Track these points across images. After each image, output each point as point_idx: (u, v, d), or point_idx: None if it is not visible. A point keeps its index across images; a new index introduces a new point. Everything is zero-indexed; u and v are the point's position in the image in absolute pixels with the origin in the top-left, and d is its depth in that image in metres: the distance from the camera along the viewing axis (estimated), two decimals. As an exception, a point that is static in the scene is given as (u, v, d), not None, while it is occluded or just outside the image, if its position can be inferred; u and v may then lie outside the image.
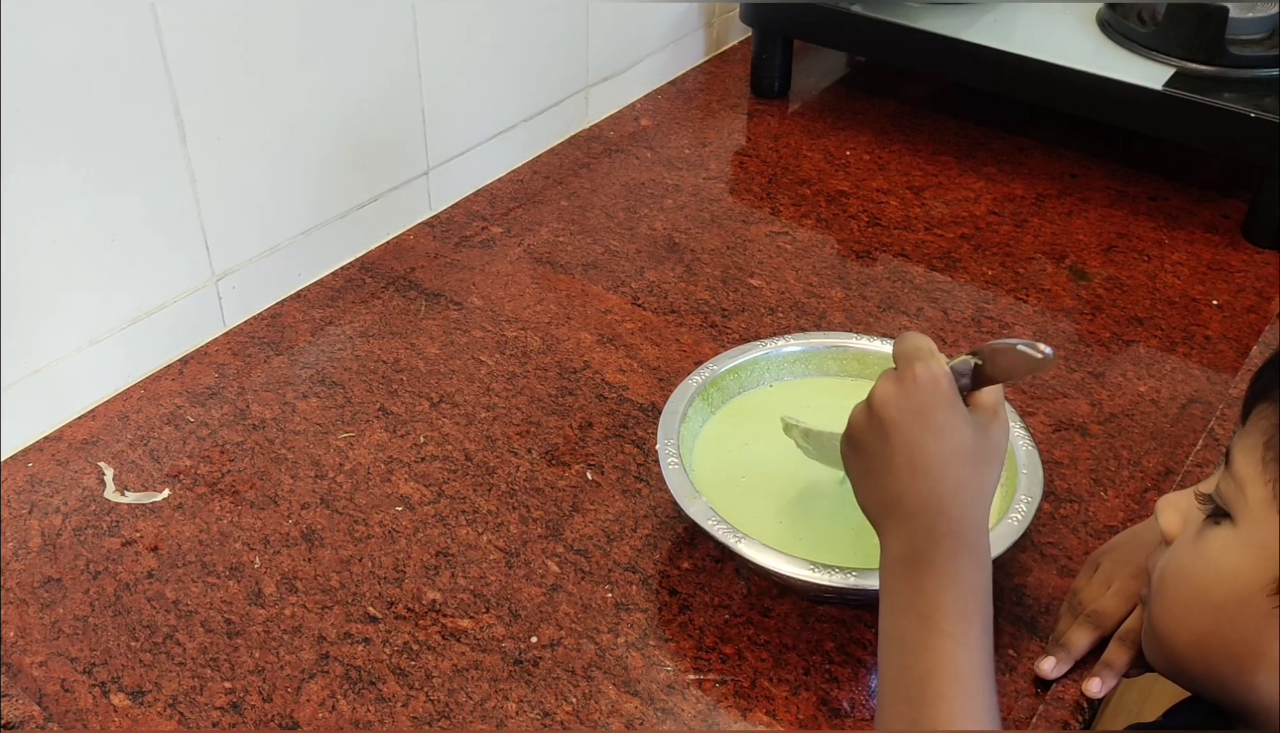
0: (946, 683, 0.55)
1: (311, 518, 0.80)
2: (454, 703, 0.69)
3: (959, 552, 0.58)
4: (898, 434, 0.60)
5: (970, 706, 0.55)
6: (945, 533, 0.58)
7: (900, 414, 0.60)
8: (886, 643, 0.58)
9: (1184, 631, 0.58)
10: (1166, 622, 0.60)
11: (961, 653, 0.55)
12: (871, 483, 0.61)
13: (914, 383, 0.60)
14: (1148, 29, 1.13)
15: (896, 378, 0.61)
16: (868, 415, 0.61)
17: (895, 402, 0.60)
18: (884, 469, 0.60)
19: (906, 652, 0.56)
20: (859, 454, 0.62)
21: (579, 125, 1.25)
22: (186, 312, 0.92)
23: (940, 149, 1.23)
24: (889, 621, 0.58)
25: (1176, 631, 0.59)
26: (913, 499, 0.58)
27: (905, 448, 0.59)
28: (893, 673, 0.57)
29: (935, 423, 0.59)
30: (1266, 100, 1.04)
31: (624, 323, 0.98)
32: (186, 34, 0.83)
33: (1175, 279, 1.04)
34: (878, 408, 0.61)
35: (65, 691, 0.69)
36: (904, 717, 0.56)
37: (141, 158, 0.84)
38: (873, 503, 0.61)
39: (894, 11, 1.19)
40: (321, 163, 0.98)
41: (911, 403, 0.60)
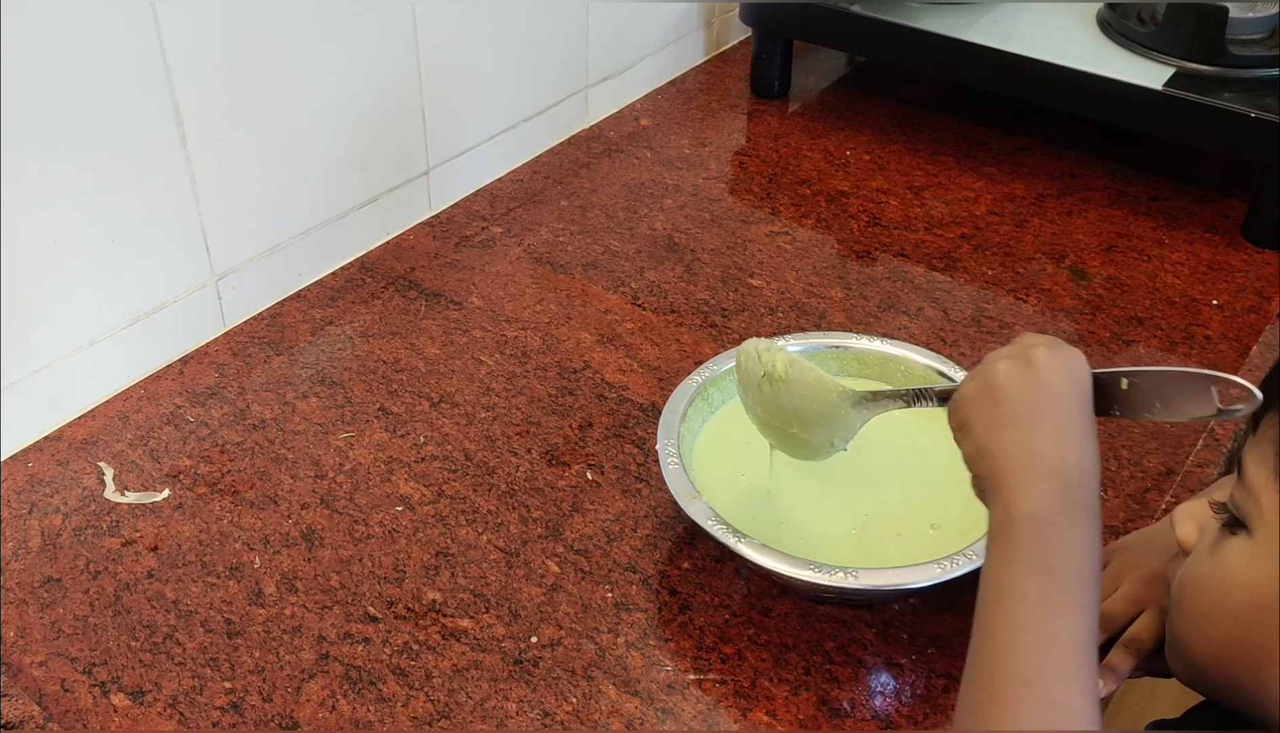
0: (1069, 651, 0.53)
1: (311, 518, 0.80)
2: (454, 703, 0.69)
3: (1093, 522, 0.57)
4: (1058, 397, 0.59)
5: (1086, 679, 0.53)
6: (1082, 501, 0.57)
7: (1064, 381, 0.59)
8: (1002, 596, 0.55)
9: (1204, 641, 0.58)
10: (1186, 632, 0.59)
11: (1085, 622, 0.54)
12: (1013, 432, 0.59)
13: (1078, 362, 0.60)
14: (1148, 29, 1.13)
15: (1060, 352, 0.60)
16: (1026, 372, 0.60)
17: (1061, 370, 0.60)
18: (1033, 423, 0.58)
19: (1028, 609, 0.54)
20: (1001, 403, 0.60)
21: (579, 125, 1.25)
22: (186, 312, 0.92)
23: (940, 149, 1.23)
24: (1006, 573, 0.56)
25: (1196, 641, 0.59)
26: (1056, 459, 0.57)
27: (1060, 412, 0.59)
28: (1005, 626, 0.55)
29: (1087, 401, 0.60)
30: (1266, 100, 1.04)
31: (624, 323, 0.98)
32: (186, 34, 0.83)
33: (1175, 279, 1.04)
34: (1042, 369, 0.59)
35: (65, 691, 0.69)
36: (1013, 672, 0.54)
37: (141, 158, 0.84)
38: (1007, 451, 0.59)
39: (894, 11, 1.19)
40: (321, 163, 0.98)
41: (1072, 375, 0.60)
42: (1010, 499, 0.57)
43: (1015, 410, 0.59)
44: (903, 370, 0.84)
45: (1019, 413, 0.59)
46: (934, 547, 0.72)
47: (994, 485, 0.58)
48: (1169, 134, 1.10)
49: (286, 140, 0.94)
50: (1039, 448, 0.58)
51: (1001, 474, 0.58)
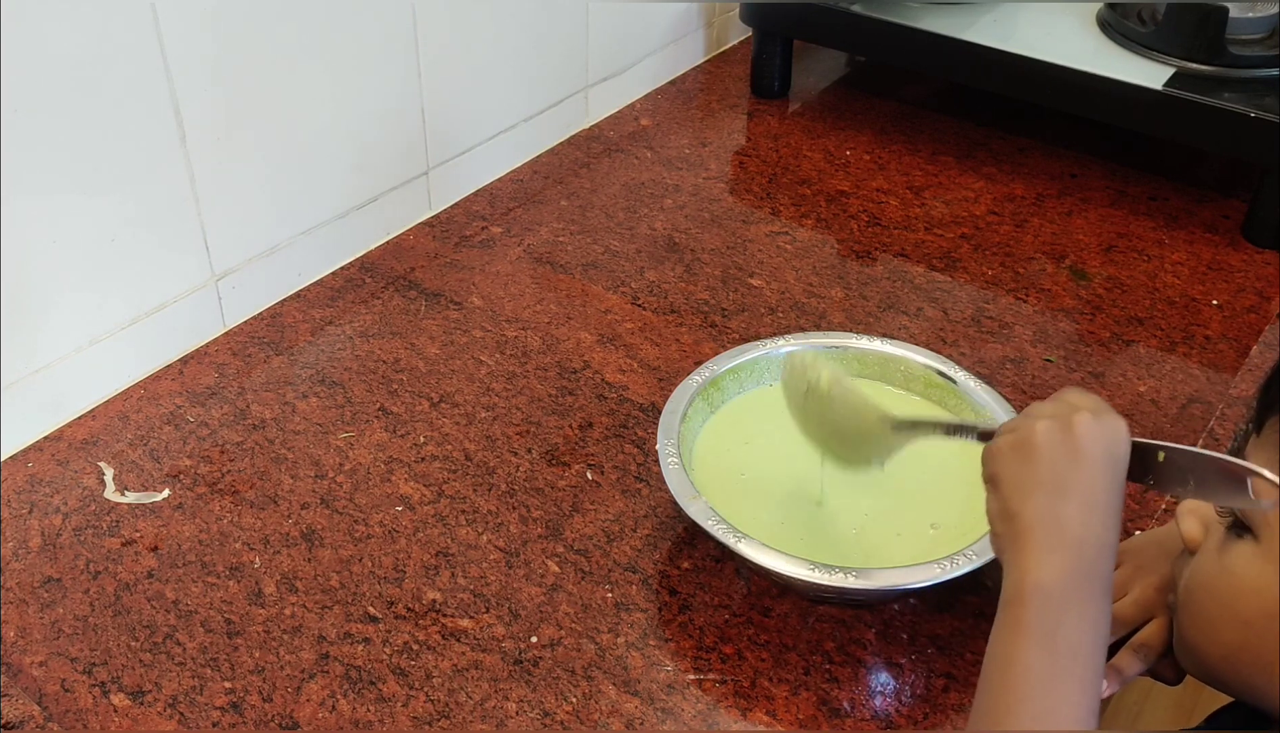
0: (1067, 728, 0.53)
1: (311, 518, 0.80)
2: (454, 703, 0.69)
3: (1104, 598, 0.56)
4: (1092, 468, 0.58)
5: None
6: (1098, 577, 0.56)
7: (1101, 454, 0.58)
8: (1006, 667, 0.56)
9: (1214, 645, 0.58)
10: (1196, 635, 0.59)
11: (1086, 702, 0.54)
12: (1039, 497, 0.58)
13: (1120, 435, 0.59)
14: (1148, 29, 1.13)
15: (1105, 422, 0.59)
16: (1065, 436, 0.58)
17: (1101, 441, 0.59)
18: (1063, 492, 0.58)
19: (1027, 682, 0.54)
20: (1034, 464, 0.59)
21: (579, 125, 1.25)
22: (186, 312, 0.92)
23: (940, 149, 1.23)
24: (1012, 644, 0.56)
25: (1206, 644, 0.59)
26: (1079, 532, 0.57)
27: (1091, 484, 0.58)
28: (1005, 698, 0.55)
29: (1120, 477, 0.59)
30: (1266, 100, 1.04)
31: (624, 323, 0.98)
32: (186, 34, 0.83)
33: (1175, 279, 1.04)
34: (1081, 437, 0.58)
35: (65, 691, 0.69)
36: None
37: (141, 158, 0.84)
38: (1030, 516, 0.58)
39: (894, 11, 1.19)
40: (321, 163, 0.98)
41: (1111, 447, 0.59)
42: (1026, 567, 0.57)
43: (1046, 476, 0.58)
44: (902, 370, 0.84)
45: (1049, 479, 0.58)
46: (934, 547, 0.72)
47: (1013, 549, 0.58)
48: (1169, 134, 1.10)
49: (286, 140, 0.94)
50: (1063, 519, 0.57)
51: (1022, 540, 0.58)
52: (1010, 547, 0.58)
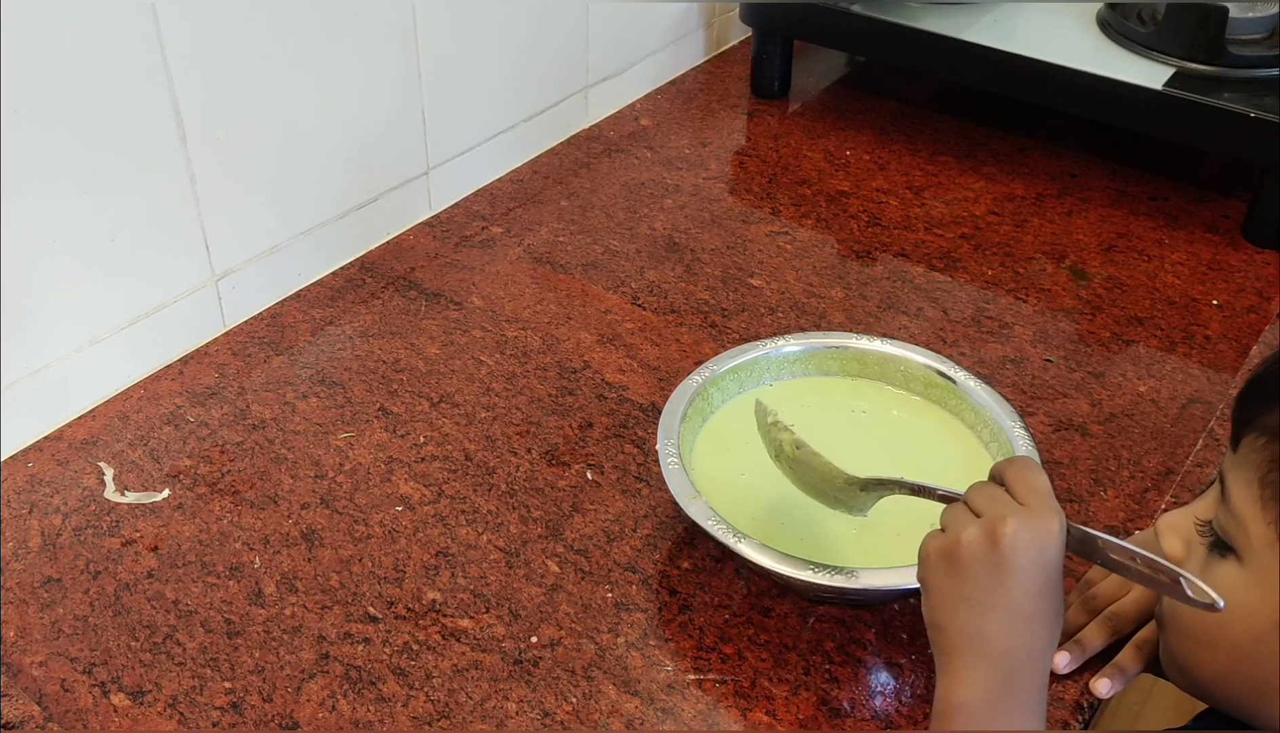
0: None
1: (311, 518, 0.80)
2: (454, 703, 0.69)
3: (1032, 709, 0.56)
4: (1015, 581, 0.57)
5: None
6: (1023, 689, 0.56)
7: (1027, 564, 0.57)
8: None
9: (1203, 666, 0.58)
10: (1184, 655, 0.59)
11: None
12: (963, 613, 0.57)
13: (1050, 541, 0.58)
14: (1148, 29, 1.13)
15: (1034, 528, 0.57)
16: (990, 550, 0.57)
17: (1026, 550, 0.57)
18: (984, 608, 0.57)
19: None
20: (959, 578, 0.58)
21: (579, 125, 1.25)
22: (186, 312, 0.92)
23: (940, 149, 1.23)
24: None
25: (1196, 665, 0.59)
26: (1001, 646, 0.56)
27: (1015, 597, 0.57)
28: None
29: (1049, 581, 0.57)
30: (1266, 100, 1.04)
31: (624, 323, 0.98)
32: (186, 34, 0.83)
33: (1175, 279, 1.04)
34: (1007, 550, 0.57)
35: (65, 691, 0.69)
36: None
37: (141, 158, 0.84)
38: (954, 631, 0.58)
39: (894, 11, 1.19)
40: (321, 163, 0.98)
41: (1038, 555, 0.57)
42: (951, 684, 0.57)
43: (969, 591, 0.57)
44: (902, 370, 0.84)
45: (973, 594, 0.57)
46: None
47: (940, 661, 0.58)
48: (1169, 134, 1.10)
49: (286, 140, 0.94)
50: (986, 634, 0.57)
51: (946, 656, 0.58)
52: (939, 657, 0.59)
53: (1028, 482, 0.59)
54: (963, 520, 0.59)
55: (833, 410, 0.83)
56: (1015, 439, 0.76)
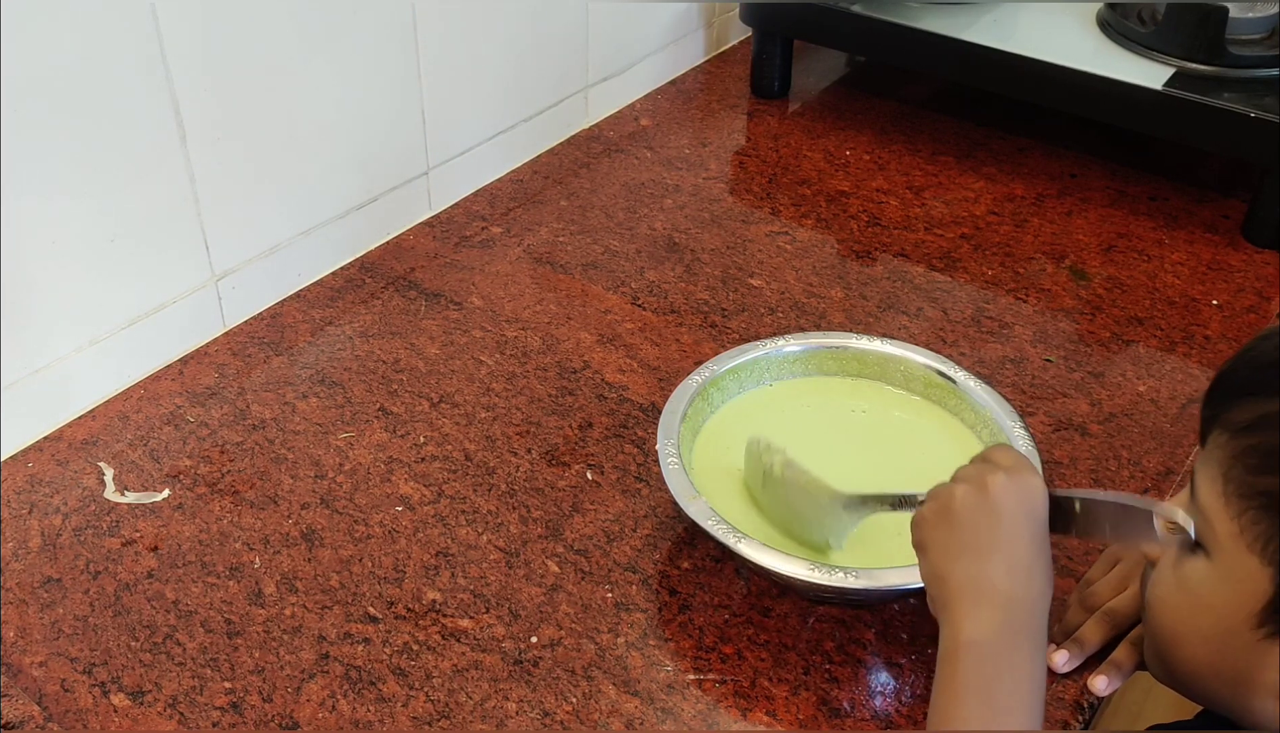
0: None
1: (311, 518, 0.80)
2: (454, 703, 0.69)
3: (1036, 652, 0.58)
4: (1011, 527, 0.60)
5: None
6: (1029, 631, 0.58)
7: (1017, 511, 0.60)
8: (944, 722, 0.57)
9: (1179, 660, 0.59)
10: (1161, 649, 0.60)
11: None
12: (965, 560, 0.60)
13: (1035, 492, 0.61)
14: (1148, 29, 1.13)
15: (1019, 480, 0.61)
16: (981, 499, 0.61)
17: (1015, 499, 0.60)
18: (985, 552, 0.59)
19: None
20: (957, 529, 0.61)
21: (579, 125, 1.25)
22: (186, 312, 0.92)
23: (940, 149, 1.23)
24: (951, 702, 0.57)
25: (1174, 659, 0.59)
26: (1006, 589, 0.58)
27: (1012, 542, 0.60)
28: None
29: (1041, 532, 0.60)
30: (1266, 100, 1.04)
31: (624, 323, 0.98)
32: (186, 34, 0.83)
33: (1175, 279, 1.04)
34: (997, 498, 0.60)
35: (65, 691, 0.69)
36: None
37: (141, 158, 0.84)
38: (958, 578, 0.60)
39: (894, 11, 1.19)
40: (321, 163, 0.98)
41: (1026, 503, 0.61)
42: (958, 626, 0.59)
43: (969, 539, 0.60)
44: (902, 370, 0.84)
45: (972, 542, 0.60)
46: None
47: (944, 610, 0.60)
48: (1169, 134, 1.10)
49: (286, 140, 0.94)
50: (989, 577, 0.59)
51: (951, 601, 0.60)
52: (942, 609, 0.60)
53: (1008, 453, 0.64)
54: (952, 482, 0.63)
55: (833, 410, 0.83)
56: (1015, 439, 0.76)
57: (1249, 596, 0.52)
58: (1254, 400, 0.53)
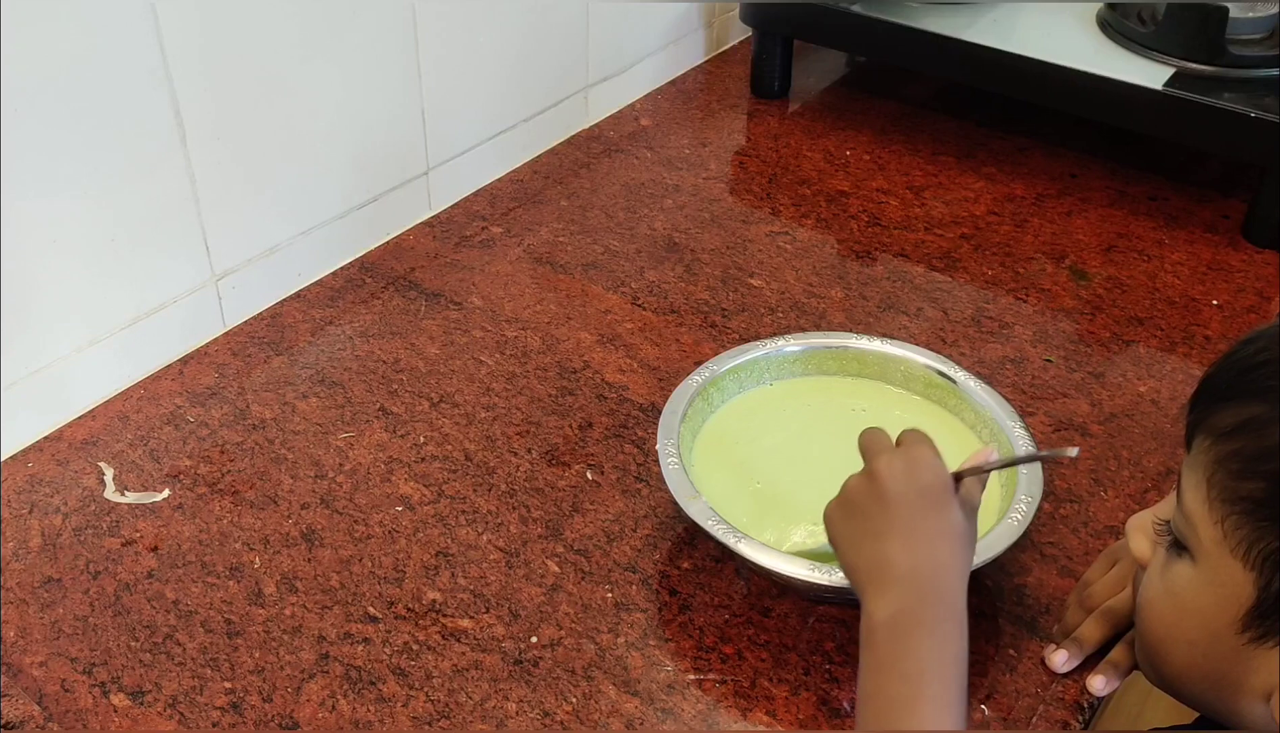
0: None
1: (311, 518, 0.80)
2: (454, 703, 0.69)
3: (947, 619, 0.58)
4: (900, 506, 0.61)
5: None
6: (935, 600, 0.59)
7: (905, 488, 0.61)
8: (867, 702, 0.58)
9: (1168, 663, 0.59)
10: (1151, 652, 0.61)
11: (945, 717, 0.56)
12: (866, 546, 0.61)
13: (920, 463, 0.62)
14: (1148, 29, 1.13)
15: (903, 456, 0.63)
16: (870, 484, 0.62)
17: (901, 476, 0.62)
18: (881, 534, 0.61)
19: (890, 711, 0.56)
20: (854, 518, 0.63)
21: (579, 125, 1.25)
22: (186, 312, 0.92)
23: (940, 149, 1.23)
24: (871, 679, 0.58)
25: (1162, 661, 0.60)
26: (905, 565, 0.59)
27: (905, 519, 0.61)
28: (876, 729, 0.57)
29: (936, 501, 0.61)
30: (1266, 100, 1.04)
31: (624, 323, 0.98)
32: (186, 34, 0.83)
33: (1175, 279, 1.04)
34: (884, 479, 0.62)
35: (65, 691, 0.69)
36: None
37: (141, 158, 0.84)
38: (863, 565, 0.61)
39: (894, 11, 1.19)
40: (321, 163, 0.98)
41: (915, 481, 0.62)
42: (868, 609, 0.60)
43: (865, 526, 0.62)
44: (902, 370, 0.84)
45: (868, 527, 0.61)
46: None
47: (859, 596, 0.61)
48: (1169, 134, 1.10)
49: (286, 140, 0.94)
50: (888, 557, 0.60)
51: (861, 587, 0.61)
52: (859, 594, 0.61)
53: (906, 433, 0.66)
54: (850, 477, 0.64)
55: (833, 410, 0.83)
56: (1015, 439, 0.76)
57: (1232, 600, 0.53)
58: (1236, 405, 0.54)
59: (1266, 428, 0.52)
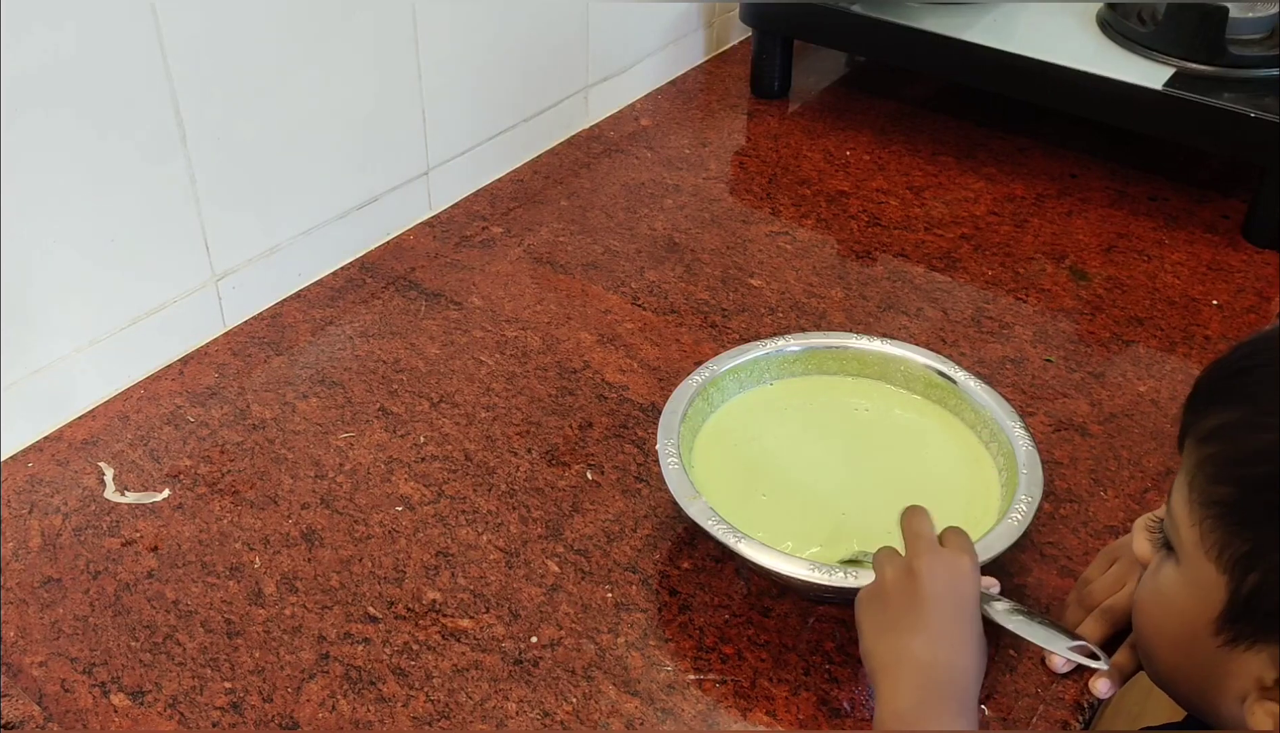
0: None
1: (311, 518, 0.80)
2: (454, 703, 0.69)
3: (963, 715, 0.60)
4: (933, 607, 0.62)
5: None
6: (952, 695, 0.60)
7: (941, 592, 0.63)
8: None
9: (1158, 661, 0.60)
10: (1144, 650, 0.62)
11: None
12: (892, 637, 0.62)
13: (961, 573, 0.64)
14: (1148, 29, 1.13)
15: (946, 562, 0.64)
16: (907, 581, 0.64)
17: (941, 580, 0.63)
18: (909, 628, 0.62)
19: None
20: (887, 610, 0.64)
21: (579, 125, 1.25)
22: (186, 312, 0.92)
23: (940, 149, 1.23)
24: None
25: (1152, 660, 0.61)
26: (926, 660, 0.61)
27: (935, 620, 0.62)
28: None
29: (964, 604, 0.64)
30: (1266, 100, 1.04)
31: (624, 323, 0.98)
32: (186, 34, 0.83)
33: (1175, 279, 1.04)
34: (923, 580, 0.63)
35: (65, 691, 0.69)
36: None
37: (141, 158, 0.84)
38: (887, 652, 0.62)
39: (894, 11, 1.19)
40: (321, 163, 0.98)
41: (953, 589, 0.64)
42: (883, 698, 0.61)
43: (894, 618, 0.63)
44: (902, 370, 0.84)
45: (897, 620, 0.63)
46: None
47: (875, 684, 0.62)
48: (1169, 134, 1.10)
49: (286, 140, 0.94)
50: (910, 650, 0.61)
51: (877, 675, 0.62)
52: (874, 683, 0.62)
53: (953, 535, 0.67)
54: (887, 562, 0.65)
55: (834, 409, 0.83)
56: (1015, 439, 0.76)
57: (1209, 602, 0.53)
58: (1217, 410, 0.54)
59: (1240, 433, 0.53)
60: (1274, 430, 0.51)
